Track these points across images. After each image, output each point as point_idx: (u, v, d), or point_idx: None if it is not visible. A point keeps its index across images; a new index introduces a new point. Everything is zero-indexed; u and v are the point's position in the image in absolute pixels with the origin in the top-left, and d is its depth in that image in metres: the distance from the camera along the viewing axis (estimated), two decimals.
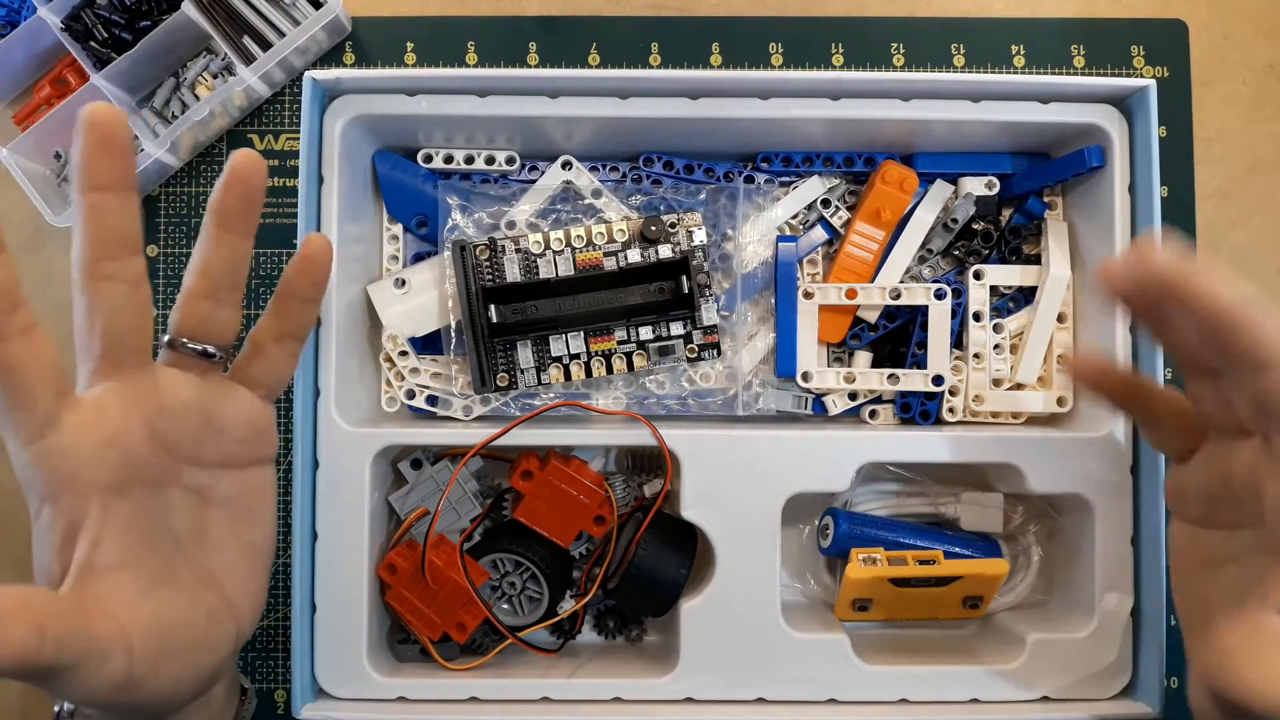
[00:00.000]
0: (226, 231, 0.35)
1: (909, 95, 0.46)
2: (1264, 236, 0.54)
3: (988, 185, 0.50)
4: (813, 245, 0.51)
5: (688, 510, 0.46)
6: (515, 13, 0.55)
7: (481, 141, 0.49)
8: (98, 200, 0.32)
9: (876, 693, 0.46)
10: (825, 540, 0.49)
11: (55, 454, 0.31)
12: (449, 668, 0.47)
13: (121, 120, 0.31)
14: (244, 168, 0.35)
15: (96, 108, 0.31)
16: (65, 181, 0.53)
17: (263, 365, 0.38)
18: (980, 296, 0.50)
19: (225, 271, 0.35)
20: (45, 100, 0.53)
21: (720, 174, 0.50)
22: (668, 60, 0.55)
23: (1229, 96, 0.55)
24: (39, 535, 0.32)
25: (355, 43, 0.54)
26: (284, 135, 0.54)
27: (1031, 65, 0.55)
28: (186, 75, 0.53)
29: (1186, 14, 0.55)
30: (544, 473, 0.47)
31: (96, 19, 0.51)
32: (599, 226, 0.48)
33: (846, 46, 0.55)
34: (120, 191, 0.32)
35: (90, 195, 0.31)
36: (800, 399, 0.50)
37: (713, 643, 0.46)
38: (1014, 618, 0.49)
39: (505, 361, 0.47)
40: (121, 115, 0.31)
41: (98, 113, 0.31)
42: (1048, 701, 0.46)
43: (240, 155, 0.35)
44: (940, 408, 0.50)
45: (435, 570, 0.46)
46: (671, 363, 0.48)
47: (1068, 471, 0.46)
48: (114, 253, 0.32)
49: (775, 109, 0.46)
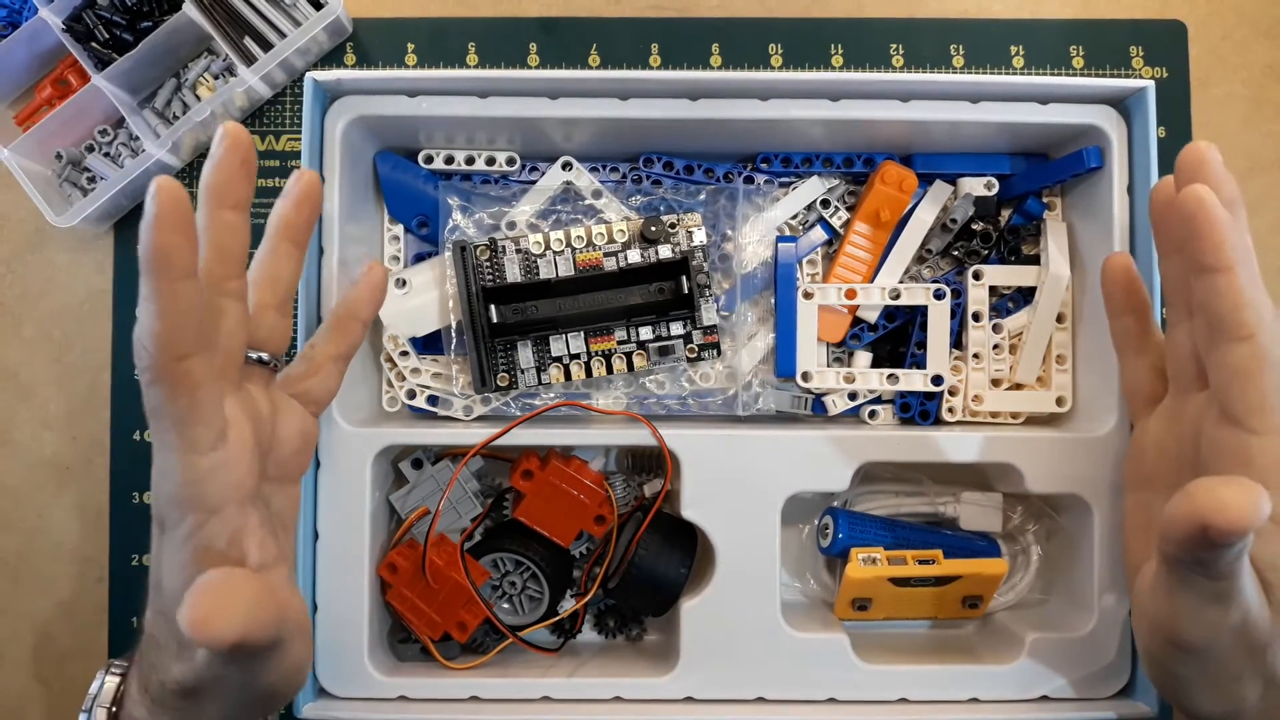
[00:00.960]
0: (293, 245, 0.37)
1: (908, 96, 0.47)
2: (1264, 236, 0.54)
3: (987, 186, 0.50)
4: (812, 245, 0.51)
5: (688, 510, 0.46)
6: (515, 14, 0.55)
7: (482, 142, 0.50)
8: (232, 219, 0.33)
9: (876, 692, 0.46)
10: (825, 540, 0.49)
11: (226, 465, 0.32)
12: (450, 667, 0.47)
13: (253, 143, 0.34)
14: (311, 185, 0.38)
15: (238, 128, 0.33)
16: (66, 182, 0.53)
17: (318, 382, 0.39)
18: (979, 296, 0.50)
19: (291, 283, 0.38)
20: (46, 101, 0.53)
21: (720, 174, 0.50)
22: (668, 61, 0.55)
23: (1228, 97, 0.55)
24: (177, 544, 0.32)
25: (356, 44, 0.54)
26: (285, 136, 0.54)
27: (1030, 66, 0.55)
28: (188, 76, 0.53)
29: (1185, 15, 0.55)
30: (544, 472, 0.47)
31: (98, 20, 0.51)
32: (599, 227, 0.48)
33: (846, 47, 0.55)
34: (246, 212, 0.34)
35: (226, 213, 0.33)
36: (800, 399, 0.50)
37: (713, 642, 0.46)
38: (1013, 617, 0.50)
39: (505, 361, 0.47)
40: (252, 137, 0.34)
41: (240, 134, 0.33)
42: (1047, 701, 0.46)
43: (306, 175, 0.38)
44: (940, 408, 0.50)
45: (436, 570, 0.46)
46: (671, 363, 0.48)
47: (1067, 471, 0.46)
48: (237, 271, 0.34)
49: (775, 110, 0.46)
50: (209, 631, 0.28)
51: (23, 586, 0.54)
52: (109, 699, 0.36)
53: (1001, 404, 0.49)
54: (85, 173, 0.53)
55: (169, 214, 0.28)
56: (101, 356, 0.54)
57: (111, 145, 0.53)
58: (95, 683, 0.37)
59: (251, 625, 0.29)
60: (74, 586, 0.53)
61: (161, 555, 0.33)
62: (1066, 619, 0.47)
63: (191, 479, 0.31)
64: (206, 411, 0.31)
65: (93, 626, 0.53)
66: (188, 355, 0.30)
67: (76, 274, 0.54)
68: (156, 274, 0.29)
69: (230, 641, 0.28)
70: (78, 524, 0.54)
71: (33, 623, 0.53)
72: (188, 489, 0.32)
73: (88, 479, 0.54)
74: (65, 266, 0.54)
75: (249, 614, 0.29)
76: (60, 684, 0.53)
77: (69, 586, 0.53)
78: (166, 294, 0.29)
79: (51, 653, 0.53)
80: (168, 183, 0.28)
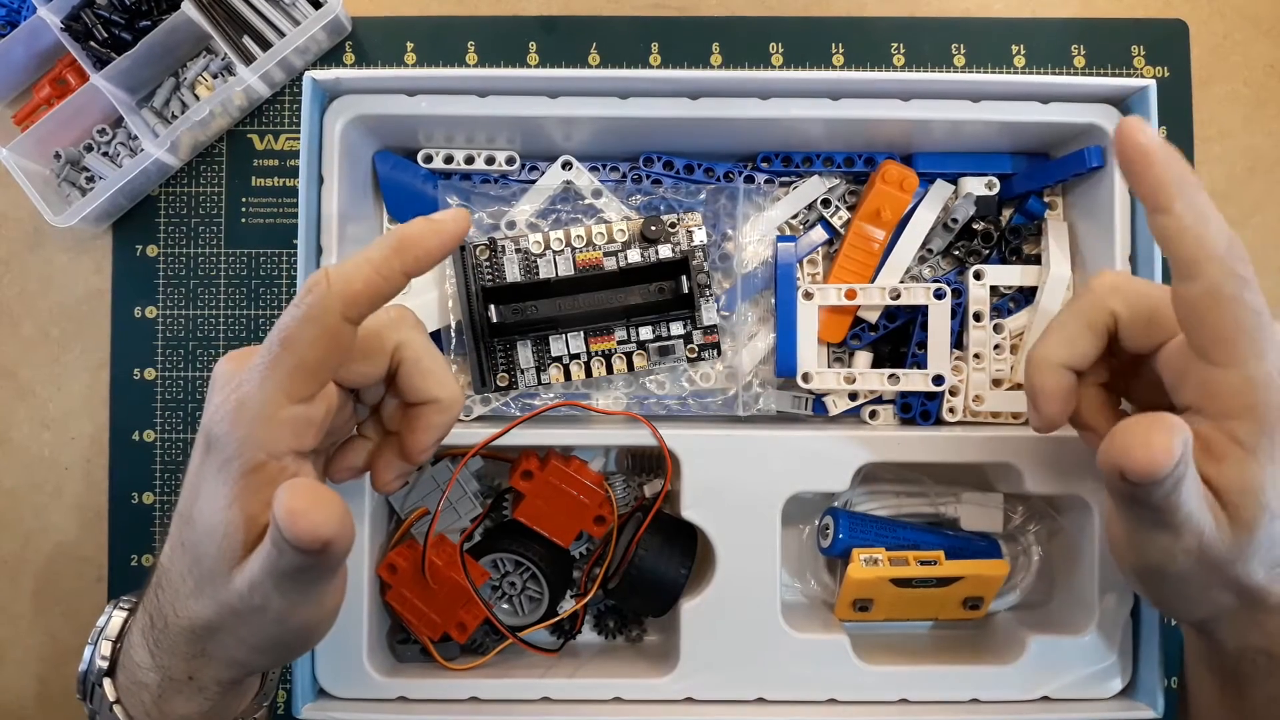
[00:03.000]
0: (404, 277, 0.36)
1: (909, 95, 0.46)
2: (1264, 236, 0.54)
3: (988, 185, 0.50)
4: (813, 245, 0.51)
5: (688, 510, 0.46)
6: (515, 13, 0.55)
7: (481, 142, 0.49)
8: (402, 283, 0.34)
9: (876, 693, 0.46)
10: (825, 540, 0.49)
11: (307, 419, 0.33)
12: (449, 667, 0.47)
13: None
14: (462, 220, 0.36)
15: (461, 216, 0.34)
16: (64, 182, 0.53)
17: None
18: (980, 296, 0.50)
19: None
20: (45, 100, 0.53)
21: (720, 174, 0.50)
22: (668, 60, 0.55)
23: (1229, 96, 0.55)
24: (225, 477, 0.31)
25: (355, 43, 0.54)
26: (284, 135, 0.54)
27: (1032, 65, 0.55)
28: (186, 75, 0.53)
29: (1187, 14, 0.55)
30: (544, 473, 0.47)
31: (96, 19, 0.51)
32: (599, 226, 0.48)
33: (846, 46, 0.55)
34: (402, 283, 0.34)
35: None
36: (800, 399, 0.50)
37: (713, 643, 0.46)
38: (1014, 618, 0.50)
39: (505, 361, 0.47)
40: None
41: (462, 222, 0.34)
42: (1047, 701, 0.46)
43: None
44: (940, 408, 0.50)
45: (435, 570, 0.46)
46: (671, 363, 0.48)
47: (1067, 472, 0.46)
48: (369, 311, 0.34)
49: (775, 109, 0.46)
50: (307, 522, 0.28)
51: (22, 586, 0.53)
52: (115, 633, 0.36)
53: (1002, 404, 0.49)
54: (84, 172, 0.53)
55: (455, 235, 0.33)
56: (100, 356, 0.54)
57: (110, 145, 0.53)
58: (103, 617, 0.37)
59: (342, 530, 0.30)
60: (73, 586, 0.53)
61: (201, 485, 0.32)
62: (1067, 619, 0.47)
63: (272, 417, 0.31)
64: (326, 365, 0.32)
65: (92, 626, 0.53)
66: (351, 319, 0.32)
67: (75, 273, 0.54)
68: (400, 250, 0.32)
69: (324, 538, 0.29)
70: (77, 524, 0.53)
71: (32, 623, 0.53)
72: (263, 427, 0.31)
73: (86, 479, 0.54)
74: (64, 266, 0.54)
75: (342, 517, 0.30)
76: (60, 684, 0.53)
77: (68, 586, 0.53)
78: (383, 264, 0.32)
79: (51, 653, 0.53)
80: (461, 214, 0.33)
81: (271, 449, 0.31)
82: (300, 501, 0.29)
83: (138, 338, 0.54)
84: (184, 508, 0.33)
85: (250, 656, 0.34)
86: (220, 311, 0.54)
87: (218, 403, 0.32)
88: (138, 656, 0.34)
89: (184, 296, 0.54)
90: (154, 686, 0.34)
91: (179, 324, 0.54)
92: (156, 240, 0.54)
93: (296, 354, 0.31)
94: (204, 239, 0.54)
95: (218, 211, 0.54)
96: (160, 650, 0.34)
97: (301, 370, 0.31)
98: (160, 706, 0.34)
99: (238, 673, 0.35)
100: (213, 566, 0.32)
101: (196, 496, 0.32)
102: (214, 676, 0.34)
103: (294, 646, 0.36)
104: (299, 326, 0.31)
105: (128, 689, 0.35)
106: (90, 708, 0.36)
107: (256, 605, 0.32)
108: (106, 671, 0.35)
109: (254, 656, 0.34)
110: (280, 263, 0.54)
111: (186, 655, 0.33)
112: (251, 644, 0.33)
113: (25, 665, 0.53)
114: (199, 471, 0.32)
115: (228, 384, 0.32)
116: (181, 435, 0.53)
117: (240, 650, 0.33)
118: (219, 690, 0.34)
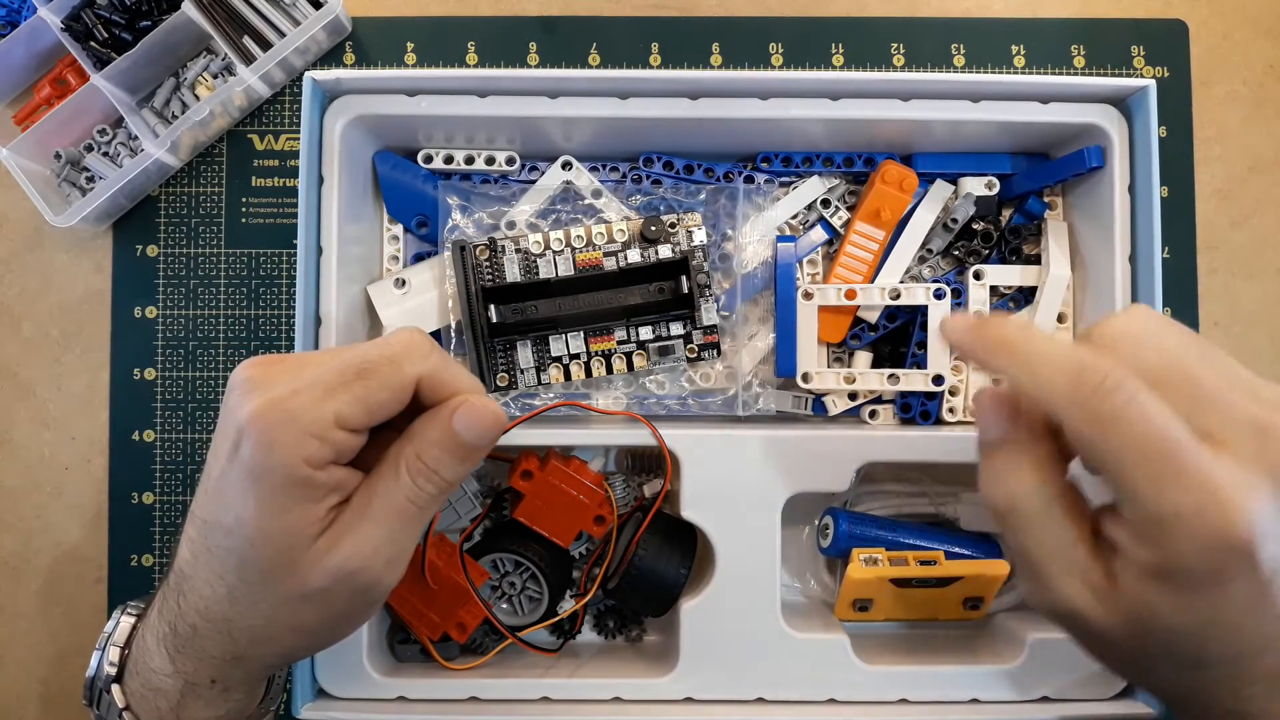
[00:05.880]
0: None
1: (909, 95, 0.46)
2: (1264, 236, 0.54)
3: (988, 185, 0.50)
4: (812, 245, 0.51)
5: (688, 510, 0.46)
6: (515, 13, 0.55)
7: (481, 142, 0.49)
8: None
9: (876, 693, 0.46)
10: (825, 540, 0.49)
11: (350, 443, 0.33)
12: (449, 667, 0.47)
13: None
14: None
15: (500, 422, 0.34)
16: (65, 182, 0.53)
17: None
18: (980, 296, 0.50)
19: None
20: (45, 100, 0.53)
21: (720, 174, 0.50)
22: (668, 60, 0.55)
23: (1229, 97, 0.55)
24: (252, 473, 0.31)
25: (355, 43, 0.54)
26: (284, 135, 0.54)
27: (1031, 65, 0.55)
28: (186, 75, 0.53)
29: (1186, 14, 0.55)
30: (544, 473, 0.47)
31: (97, 19, 0.51)
32: (599, 226, 0.48)
33: (846, 47, 0.55)
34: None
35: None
36: (800, 399, 0.50)
37: (713, 643, 0.46)
38: (1014, 618, 0.49)
39: (505, 361, 0.47)
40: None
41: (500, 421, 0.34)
42: (1048, 701, 0.46)
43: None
44: (940, 408, 0.50)
45: (435, 570, 0.46)
46: (671, 363, 0.48)
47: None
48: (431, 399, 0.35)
49: (775, 109, 0.46)
50: (495, 410, 0.33)
51: (22, 586, 0.53)
52: (123, 639, 0.36)
53: None
54: (84, 172, 0.53)
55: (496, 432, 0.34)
56: (100, 356, 0.54)
57: (110, 145, 0.53)
58: (110, 622, 0.36)
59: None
60: (73, 586, 0.53)
61: (229, 489, 0.31)
62: None
63: (323, 435, 0.31)
64: (384, 410, 0.33)
65: (92, 626, 0.53)
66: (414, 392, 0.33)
67: (75, 273, 0.54)
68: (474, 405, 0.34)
69: (497, 438, 0.34)
70: (76, 524, 0.53)
71: (32, 623, 0.53)
72: (313, 443, 0.31)
73: (86, 479, 0.54)
74: (64, 266, 0.54)
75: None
76: (60, 684, 0.53)
77: (68, 586, 0.53)
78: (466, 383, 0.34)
79: (51, 653, 0.53)
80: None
81: (316, 463, 0.31)
82: (482, 399, 0.33)
83: (138, 338, 0.54)
84: (208, 513, 0.32)
85: (299, 641, 0.34)
86: (220, 312, 0.54)
87: (258, 408, 0.31)
88: (154, 663, 0.34)
89: (184, 296, 0.54)
90: (173, 693, 0.33)
91: (179, 324, 0.54)
92: (156, 240, 0.54)
93: (369, 388, 0.32)
94: (204, 239, 0.54)
95: (218, 211, 0.54)
96: (183, 656, 0.33)
97: (364, 404, 0.32)
98: (179, 713, 0.34)
99: (278, 664, 0.35)
100: (267, 569, 0.31)
101: (225, 500, 0.31)
102: (244, 677, 0.34)
103: (354, 617, 0.35)
104: (386, 366, 0.32)
105: (140, 695, 0.34)
106: (97, 714, 0.35)
107: (353, 569, 0.32)
108: (115, 678, 0.35)
109: (303, 641, 0.34)
110: (280, 263, 0.54)
111: (217, 659, 0.33)
112: (310, 627, 0.33)
113: (25, 665, 0.53)
114: (225, 475, 0.31)
115: (263, 390, 0.31)
116: (181, 435, 0.53)
117: (290, 638, 0.33)
118: (245, 692, 0.34)
